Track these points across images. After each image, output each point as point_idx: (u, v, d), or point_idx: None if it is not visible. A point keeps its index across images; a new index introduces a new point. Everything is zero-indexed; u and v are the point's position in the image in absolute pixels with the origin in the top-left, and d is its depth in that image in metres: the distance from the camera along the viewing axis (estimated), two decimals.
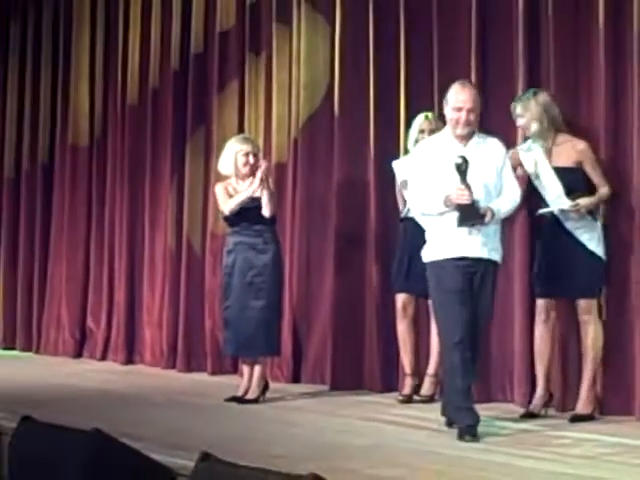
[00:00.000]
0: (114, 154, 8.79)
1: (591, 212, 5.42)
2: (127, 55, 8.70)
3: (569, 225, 5.40)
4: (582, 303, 5.42)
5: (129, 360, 8.32)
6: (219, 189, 6.34)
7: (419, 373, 6.21)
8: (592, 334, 5.40)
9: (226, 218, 6.31)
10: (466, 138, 5.03)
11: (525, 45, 5.95)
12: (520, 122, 5.54)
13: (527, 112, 5.46)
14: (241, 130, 7.65)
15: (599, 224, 5.46)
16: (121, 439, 3.72)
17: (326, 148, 7.10)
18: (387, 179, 6.54)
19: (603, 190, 5.43)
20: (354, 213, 6.90)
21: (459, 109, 4.99)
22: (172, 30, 8.19)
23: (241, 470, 3.21)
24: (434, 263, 5.02)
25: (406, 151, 6.31)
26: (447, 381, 5.04)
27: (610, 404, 5.50)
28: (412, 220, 5.82)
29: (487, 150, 5.07)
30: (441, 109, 5.58)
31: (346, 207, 6.92)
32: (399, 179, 6.17)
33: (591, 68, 5.75)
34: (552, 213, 5.41)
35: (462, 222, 4.90)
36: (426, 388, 6.13)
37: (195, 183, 7.93)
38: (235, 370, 7.39)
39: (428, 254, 5.08)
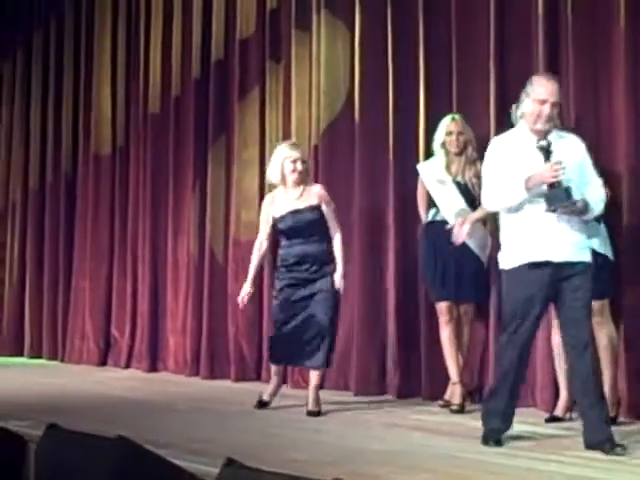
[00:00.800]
0: (136, 163, 8.86)
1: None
2: (148, 64, 8.77)
3: None
4: (595, 305, 5.40)
5: (153, 368, 8.37)
6: (263, 207, 6.24)
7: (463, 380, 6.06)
8: (607, 335, 5.39)
9: None
10: (545, 134, 4.67)
11: (545, 48, 5.98)
12: None
13: None
14: (262, 137, 7.68)
15: (603, 226, 5.42)
16: (145, 446, 3.73)
17: (346, 154, 7.12)
18: (407, 184, 6.57)
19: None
20: (375, 219, 6.92)
21: (543, 102, 4.63)
22: (193, 38, 8.25)
23: (265, 476, 3.22)
24: (513, 270, 4.67)
25: (429, 154, 6.32)
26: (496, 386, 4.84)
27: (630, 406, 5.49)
28: (438, 224, 5.84)
29: (568, 146, 4.73)
30: (460, 112, 5.63)
31: (367, 212, 6.94)
32: (426, 181, 6.15)
33: (611, 67, 5.75)
34: None
35: (552, 202, 4.50)
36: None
37: (217, 191, 7.97)
38: (259, 377, 7.43)
39: (506, 259, 4.72)
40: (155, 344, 8.42)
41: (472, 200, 6.00)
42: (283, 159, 6.05)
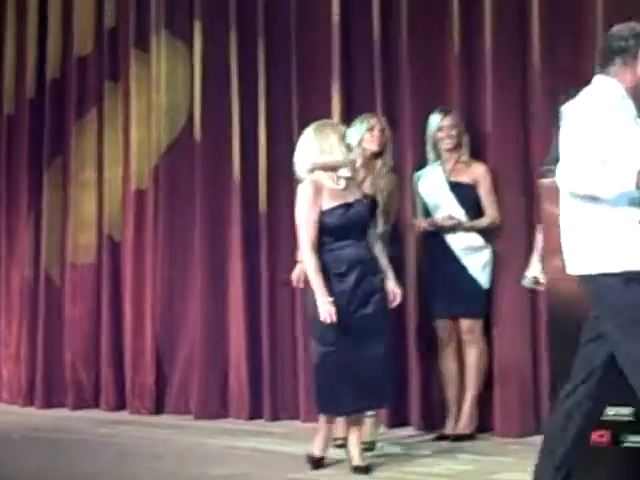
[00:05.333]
0: None
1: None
2: None
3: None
4: (466, 324, 5.48)
5: None
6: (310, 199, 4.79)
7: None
8: (475, 354, 5.45)
9: None
10: None
11: (381, 70, 6.07)
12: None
13: None
14: (100, 159, 7.50)
15: (489, 250, 5.53)
16: None
17: (188, 174, 7.01)
18: (251, 203, 6.55)
19: None
20: (217, 238, 6.82)
21: None
22: (27, 55, 7.95)
23: None
24: (621, 275, 3.46)
25: (270, 173, 6.32)
26: None
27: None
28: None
29: None
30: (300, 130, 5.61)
31: (209, 232, 6.83)
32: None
33: (446, 87, 5.87)
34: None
35: None
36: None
37: (53, 214, 7.67)
38: (97, 404, 7.20)
39: (614, 263, 3.48)
40: None
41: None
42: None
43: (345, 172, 4.84)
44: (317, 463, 4.69)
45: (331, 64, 6.34)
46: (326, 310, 4.49)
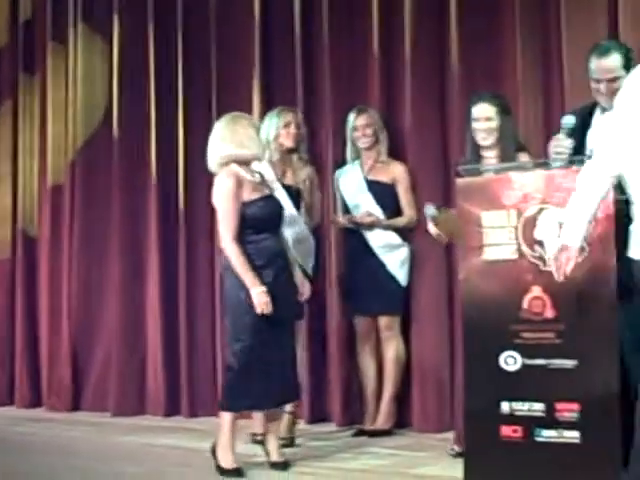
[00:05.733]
0: None
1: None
2: None
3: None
4: (384, 320, 5.53)
5: None
6: None
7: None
8: (394, 350, 5.50)
9: None
10: None
11: (302, 66, 6.10)
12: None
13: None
14: (15, 152, 7.38)
15: (406, 247, 5.58)
16: None
17: (105, 170, 6.94)
18: (169, 199, 6.52)
19: None
20: (134, 235, 6.77)
21: None
22: None
23: None
24: None
25: (187, 171, 6.28)
26: None
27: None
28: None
29: None
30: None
31: (126, 228, 6.77)
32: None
33: (366, 85, 5.92)
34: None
35: None
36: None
37: None
38: (12, 401, 7.10)
39: None
40: None
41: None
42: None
43: (260, 166, 4.87)
44: (239, 472, 4.49)
45: (251, 60, 6.33)
46: (262, 301, 4.43)
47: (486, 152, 4.67)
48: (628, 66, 4.13)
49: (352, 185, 5.67)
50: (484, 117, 4.67)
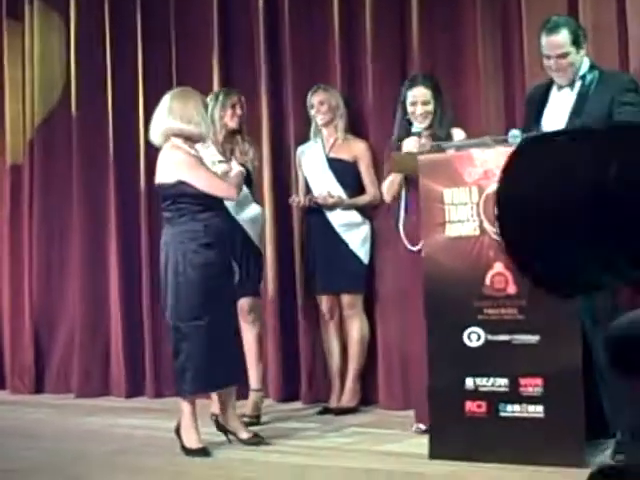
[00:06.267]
0: None
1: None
2: None
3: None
4: (347, 299, 5.53)
5: None
6: None
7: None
8: (357, 328, 5.51)
9: None
10: None
11: (264, 43, 6.05)
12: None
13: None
14: None
15: (367, 225, 5.57)
16: None
17: (64, 148, 6.86)
18: (126, 176, 6.48)
19: None
20: (94, 214, 6.71)
21: None
22: None
23: None
24: None
25: (149, 147, 6.21)
26: None
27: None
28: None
29: None
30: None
31: (86, 207, 6.70)
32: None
33: (327, 62, 5.90)
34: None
35: None
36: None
37: None
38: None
39: None
40: None
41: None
42: None
43: (203, 145, 4.82)
44: (205, 451, 4.44)
45: (211, 37, 6.29)
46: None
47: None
48: (577, 42, 4.17)
49: (313, 162, 5.65)
50: (421, 101, 4.71)
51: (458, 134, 4.77)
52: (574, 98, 4.18)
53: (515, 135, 4.04)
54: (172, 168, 4.52)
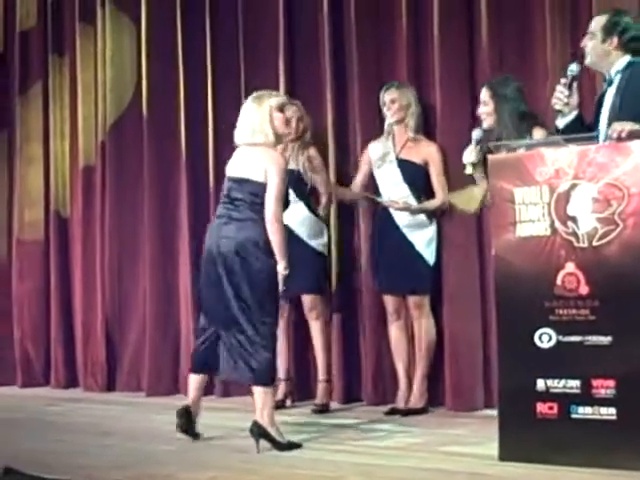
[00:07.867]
0: None
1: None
2: None
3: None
4: (412, 299, 5.51)
5: None
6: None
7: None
8: (424, 329, 5.49)
9: None
10: None
11: (331, 47, 6.07)
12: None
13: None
14: (46, 133, 7.42)
15: (434, 226, 5.55)
16: None
17: (135, 150, 6.95)
18: (199, 178, 6.54)
19: None
20: (165, 214, 6.79)
21: None
22: None
23: None
24: None
25: (218, 148, 6.28)
26: None
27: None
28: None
29: None
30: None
31: (157, 208, 6.79)
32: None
33: (395, 62, 5.89)
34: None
35: None
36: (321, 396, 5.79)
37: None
38: (47, 382, 7.18)
39: None
40: None
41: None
42: None
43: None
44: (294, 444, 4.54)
45: (277, 38, 6.31)
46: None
47: None
48: (608, 31, 4.21)
49: (383, 162, 5.63)
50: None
51: (538, 133, 4.72)
52: (612, 94, 4.19)
53: (572, 69, 4.20)
54: (276, 171, 4.63)
